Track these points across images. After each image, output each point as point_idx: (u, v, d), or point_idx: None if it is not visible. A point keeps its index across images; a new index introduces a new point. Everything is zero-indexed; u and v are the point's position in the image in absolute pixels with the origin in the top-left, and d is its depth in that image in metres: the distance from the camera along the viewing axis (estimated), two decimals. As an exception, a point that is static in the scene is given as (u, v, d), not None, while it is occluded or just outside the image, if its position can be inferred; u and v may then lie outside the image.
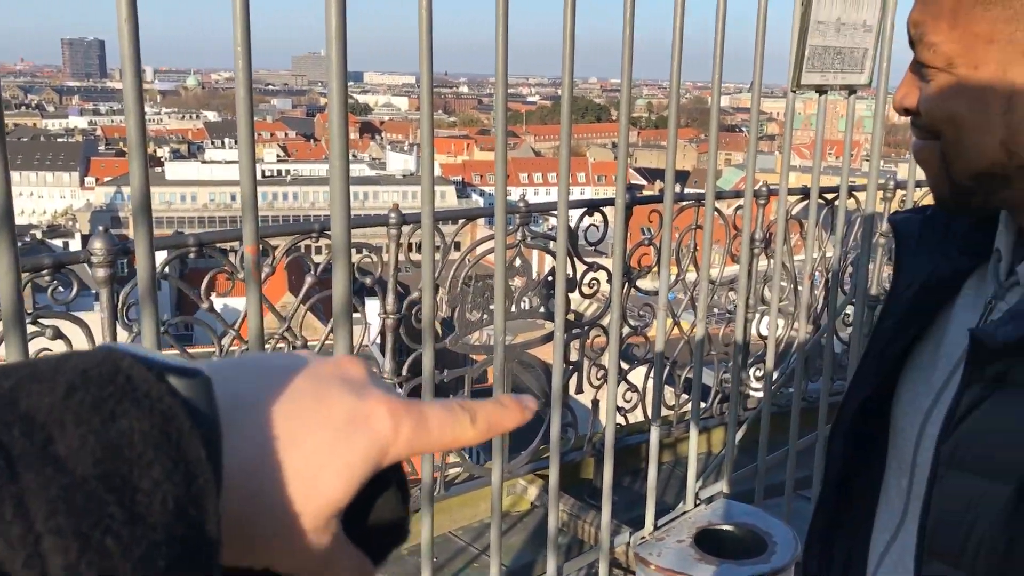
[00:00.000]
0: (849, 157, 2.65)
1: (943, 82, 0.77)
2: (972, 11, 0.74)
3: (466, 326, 3.37)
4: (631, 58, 1.91)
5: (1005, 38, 0.73)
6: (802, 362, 3.02)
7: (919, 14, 0.78)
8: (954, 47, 0.75)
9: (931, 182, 0.85)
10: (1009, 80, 0.74)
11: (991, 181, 0.78)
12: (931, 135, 0.81)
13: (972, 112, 0.76)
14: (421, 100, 1.53)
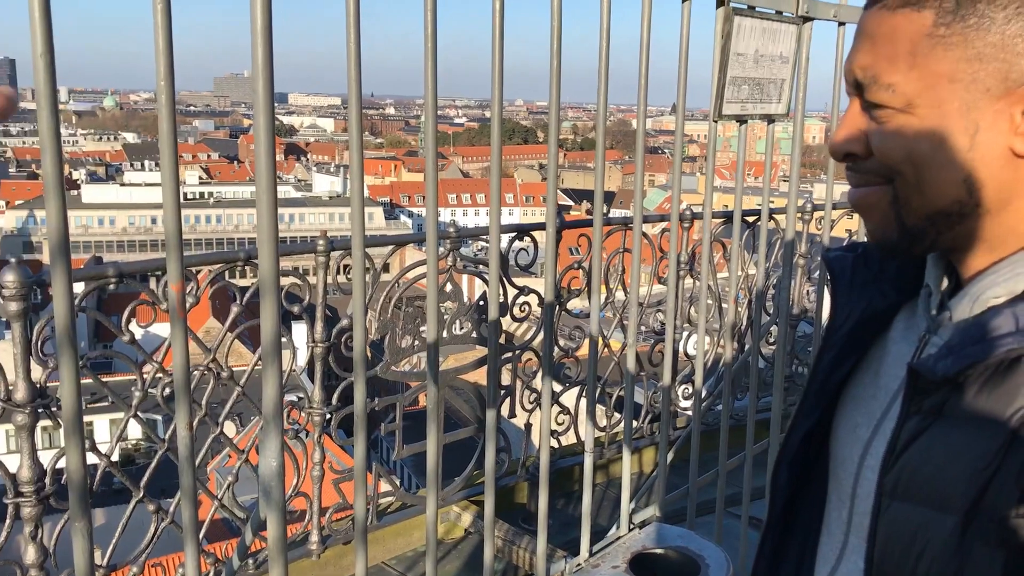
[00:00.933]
0: (769, 182, 2.73)
1: (903, 122, 0.76)
2: (933, 51, 0.74)
3: (397, 353, 3.34)
4: (559, 88, 1.94)
5: (968, 78, 0.73)
6: (729, 381, 3.08)
7: (868, 57, 0.77)
8: (915, 87, 0.75)
9: (875, 227, 0.83)
10: (973, 119, 0.74)
11: (946, 220, 0.78)
12: (881, 179, 0.80)
13: (936, 151, 0.75)
14: (349, 121, 1.52)
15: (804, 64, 2.69)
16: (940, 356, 0.75)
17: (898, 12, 0.75)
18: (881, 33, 0.76)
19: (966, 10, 0.72)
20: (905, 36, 0.74)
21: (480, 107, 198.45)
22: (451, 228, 3.33)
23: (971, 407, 0.73)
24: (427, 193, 1.75)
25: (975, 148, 0.75)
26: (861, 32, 0.79)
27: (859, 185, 0.82)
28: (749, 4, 2.43)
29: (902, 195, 0.79)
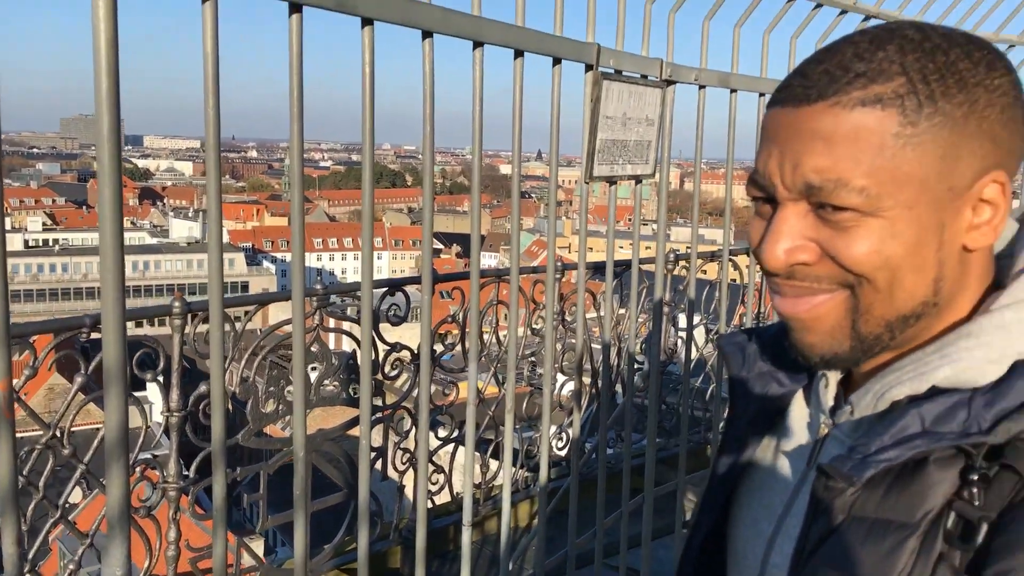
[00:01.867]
0: (639, 238, 2.78)
1: (875, 225, 0.72)
2: (902, 152, 0.70)
3: (260, 418, 3.16)
4: (432, 147, 1.90)
5: (935, 177, 0.71)
6: (604, 430, 3.09)
7: (825, 159, 0.71)
8: (887, 188, 0.71)
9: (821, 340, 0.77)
10: (939, 218, 0.72)
11: (903, 324, 0.75)
12: (836, 285, 0.75)
13: (911, 253, 0.72)
14: (208, 171, 1.42)
15: (668, 125, 2.78)
16: (851, 458, 0.73)
17: (856, 111, 0.70)
18: (840, 133, 0.70)
19: (929, 109, 0.70)
20: (870, 136, 0.70)
21: (346, 150, 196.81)
22: (318, 285, 3.20)
23: (881, 509, 0.71)
24: (293, 256, 1.66)
25: (943, 247, 0.73)
26: (806, 132, 0.72)
27: (807, 293, 0.76)
28: (616, 68, 2.49)
29: (864, 302, 0.74)
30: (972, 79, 0.71)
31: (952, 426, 0.69)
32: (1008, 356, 0.71)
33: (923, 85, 0.70)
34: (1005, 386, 0.70)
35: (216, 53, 1.40)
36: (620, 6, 2.55)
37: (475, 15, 1.96)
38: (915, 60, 0.70)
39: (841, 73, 0.71)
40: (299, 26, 1.55)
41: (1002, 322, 0.73)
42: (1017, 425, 0.67)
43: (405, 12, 1.74)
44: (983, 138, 0.71)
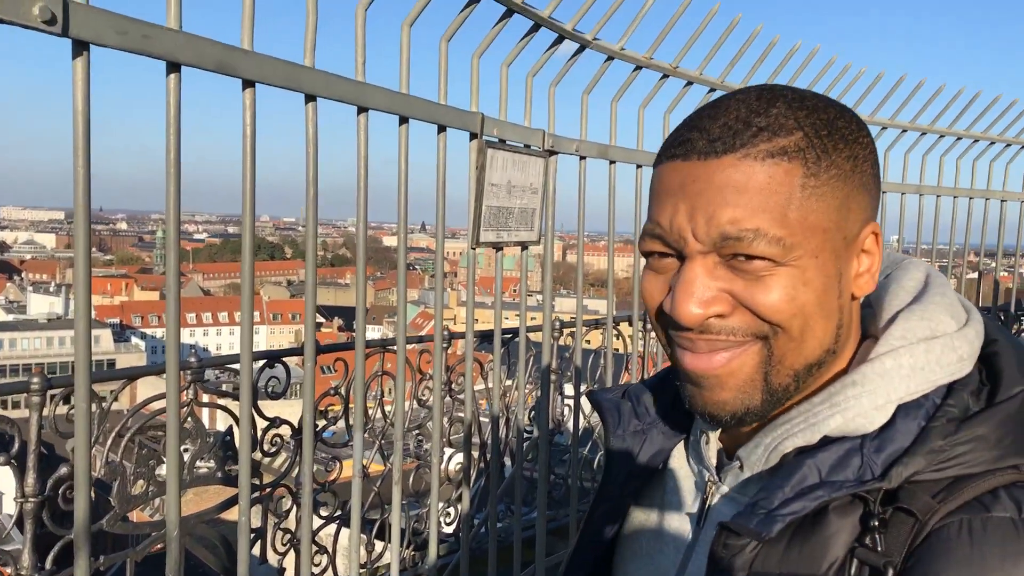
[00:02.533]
0: (525, 306, 2.79)
1: (788, 274, 0.72)
2: (807, 202, 0.72)
3: (128, 501, 2.94)
4: (315, 209, 1.85)
5: (835, 226, 0.73)
6: (495, 502, 3.03)
7: (740, 210, 0.71)
8: (798, 238, 0.72)
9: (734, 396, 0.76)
10: (838, 266, 0.75)
11: (809, 372, 0.76)
12: (750, 337, 0.75)
13: (820, 301, 0.74)
14: (76, 226, 1.33)
15: (551, 194, 2.83)
16: (755, 514, 0.72)
17: (766, 163, 0.71)
18: (752, 185, 0.71)
19: (826, 161, 0.73)
20: (782, 187, 0.71)
21: (222, 222, 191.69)
22: (192, 357, 3.05)
23: (785, 563, 0.71)
24: (168, 325, 1.57)
25: (842, 294, 0.76)
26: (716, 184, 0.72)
27: (721, 347, 0.75)
28: (500, 137, 2.53)
29: (778, 352, 0.74)
30: (850, 135, 0.75)
31: (847, 474, 0.71)
32: (891, 401, 0.74)
33: (818, 139, 0.73)
34: (892, 431, 0.72)
35: (87, 111, 1.33)
36: (503, 77, 2.61)
37: (359, 80, 1.95)
38: (805, 116, 0.73)
39: (743, 127, 0.72)
40: (177, 86, 1.50)
41: (883, 369, 0.75)
42: (907, 469, 0.70)
43: (288, 75, 1.72)
44: (863, 190, 0.75)
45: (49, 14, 1.23)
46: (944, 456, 0.70)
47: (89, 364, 1.32)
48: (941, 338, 0.76)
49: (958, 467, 0.69)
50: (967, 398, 0.73)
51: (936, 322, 0.77)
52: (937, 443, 0.70)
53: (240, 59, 1.60)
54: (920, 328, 0.76)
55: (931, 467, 0.70)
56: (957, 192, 5.22)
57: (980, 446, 0.70)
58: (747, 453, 0.80)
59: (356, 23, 1.98)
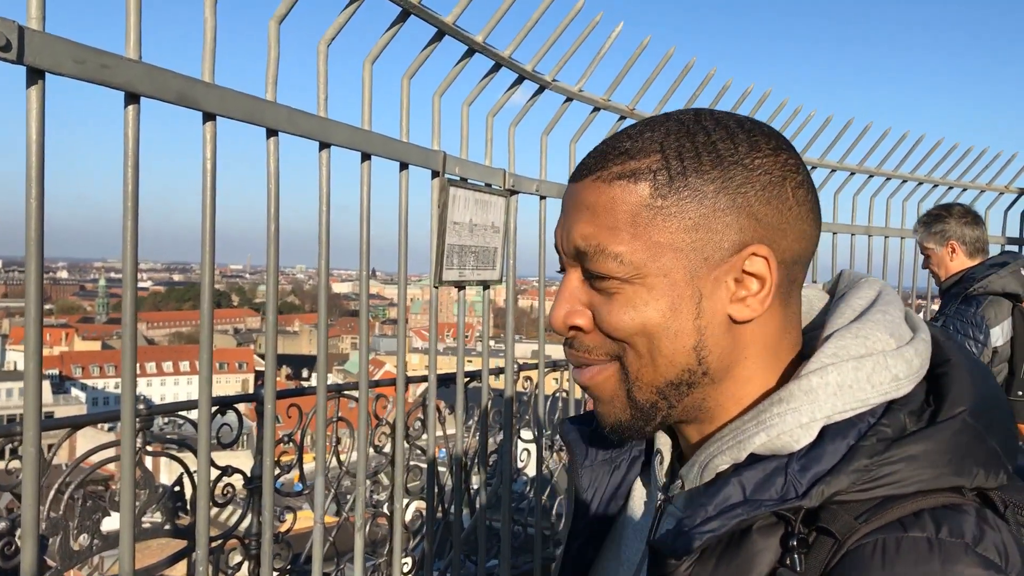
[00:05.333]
0: (488, 345, 2.76)
1: (632, 293, 0.75)
2: (653, 222, 0.73)
3: (70, 557, 2.79)
4: (277, 244, 1.80)
5: (688, 246, 0.74)
6: (458, 549, 2.95)
7: (589, 226, 0.75)
8: (642, 256, 0.74)
9: (605, 411, 0.80)
10: (696, 286, 0.74)
11: (676, 391, 0.77)
12: (605, 355, 0.78)
13: (666, 319, 0.74)
14: (27, 286, 1.26)
15: (512, 233, 2.82)
16: (676, 532, 0.72)
17: (615, 184, 0.75)
18: (600, 204, 0.75)
19: (679, 183, 0.73)
20: (625, 207, 0.74)
21: (167, 270, 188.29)
22: (140, 404, 2.93)
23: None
24: (124, 368, 1.50)
25: (701, 315, 0.75)
26: (577, 203, 0.77)
27: (583, 364, 0.79)
28: (461, 176, 2.52)
29: (632, 370, 0.77)
30: (730, 158, 0.74)
31: (771, 492, 0.70)
32: (817, 420, 0.72)
33: (676, 162, 0.74)
34: (817, 451, 0.71)
35: (42, 142, 1.28)
36: (464, 115, 2.60)
37: (322, 116, 1.92)
38: (675, 139, 0.75)
39: (609, 151, 0.77)
40: (136, 118, 1.45)
41: (809, 387, 0.73)
42: (829, 488, 0.68)
43: (250, 109, 1.69)
44: (739, 213, 0.74)
45: (3, 40, 1.18)
46: (870, 476, 0.68)
47: (39, 408, 1.25)
48: (874, 356, 0.74)
49: (886, 488, 0.68)
50: (904, 418, 0.72)
51: (872, 340, 0.75)
52: (863, 462, 0.69)
53: (201, 92, 1.56)
54: (853, 346, 0.75)
55: (856, 487, 0.68)
56: (903, 233, 5.36)
57: (911, 466, 0.68)
58: (687, 471, 0.80)
59: (318, 58, 1.96)
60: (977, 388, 0.74)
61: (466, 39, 2.41)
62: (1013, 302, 3.41)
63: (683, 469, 0.80)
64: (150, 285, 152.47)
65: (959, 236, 3.52)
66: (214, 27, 1.62)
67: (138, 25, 1.45)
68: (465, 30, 2.39)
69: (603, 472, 0.91)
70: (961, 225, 3.53)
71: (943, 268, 3.59)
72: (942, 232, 3.55)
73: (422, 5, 2.17)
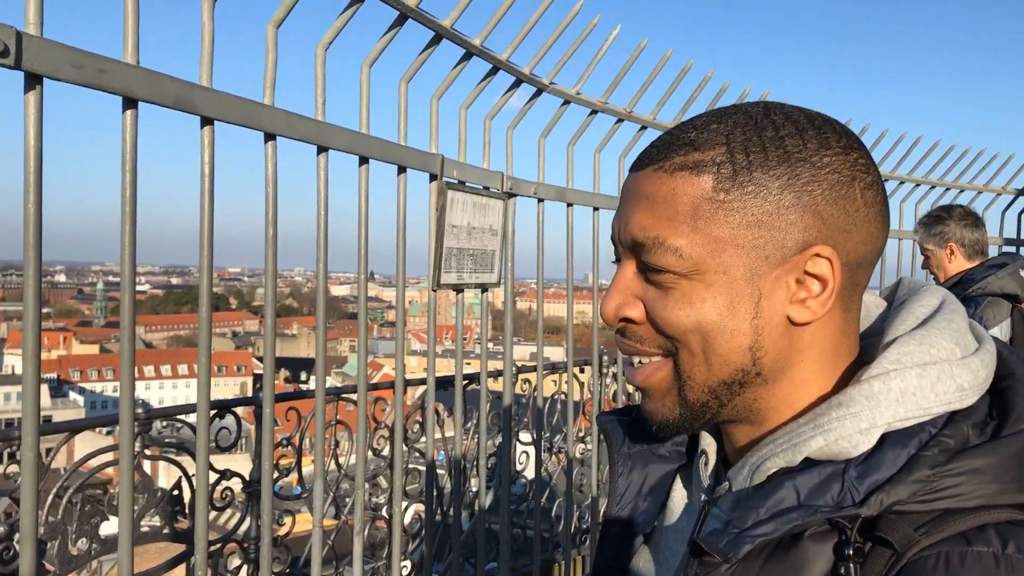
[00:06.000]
0: (486, 347, 2.76)
1: (689, 288, 0.73)
2: (715, 216, 0.72)
3: (68, 561, 2.78)
4: (275, 249, 1.81)
5: (749, 244, 0.72)
6: (458, 552, 2.95)
7: (648, 217, 0.74)
8: (702, 251, 0.72)
9: (656, 408, 0.78)
10: (756, 285, 0.73)
11: (728, 391, 0.76)
12: (658, 350, 0.76)
13: (724, 318, 0.73)
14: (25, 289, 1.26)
15: (511, 236, 2.82)
16: (725, 533, 0.70)
17: (676, 175, 0.73)
18: (661, 195, 0.74)
19: (743, 177, 0.72)
20: (686, 199, 0.72)
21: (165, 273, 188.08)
22: (139, 408, 2.93)
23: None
24: (122, 371, 1.50)
25: (760, 315, 0.73)
26: (636, 193, 0.76)
27: (632, 353, 0.78)
28: (459, 179, 2.52)
29: (685, 368, 0.75)
30: (798, 154, 0.72)
31: (827, 499, 0.68)
32: (877, 426, 0.71)
33: (741, 156, 0.72)
34: (876, 458, 0.69)
35: (40, 147, 1.28)
36: (462, 119, 2.61)
37: (319, 120, 1.93)
38: (742, 132, 0.73)
39: (674, 141, 0.75)
40: (134, 122, 1.46)
41: (870, 392, 0.72)
42: (889, 497, 0.66)
43: (248, 113, 1.69)
44: (804, 211, 0.72)
45: (2, 46, 1.18)
46: (932, 487, 0.66)
47: (37, 412, 1.25)
48: (939, 364, 0.72)
49: (948, 500, 0.66)
50: (967, 430, 0.70)
51: (936, 348, 0.73)
52: (925, 472, 0.67)
53: (199, 96, 1.56)
54: (917, 353, 0.73)
55: (916, 497, 0.66)
56: (901, 234, 5.37)
57: (974, 480, 0.67)
58: (735, 473, 0.78)
59: (316, 62, 1.96)
60: None
61: (464, 42, 2.41)
62: (1012, 303, 3.41)
63: (731, 471, 0.79)
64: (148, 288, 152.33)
65: (958, 238, 3.53)
66: (212, 32, 1.62)
67: (136, 30, 1.45)
68: (463, 33, 2.40)
69: (640, 463, 0.90)
70: (961, 227, 3.54)
71: (942, 270, 3.59)
72: (941, 234, 3.55)
73: (420, 9, 2.17)
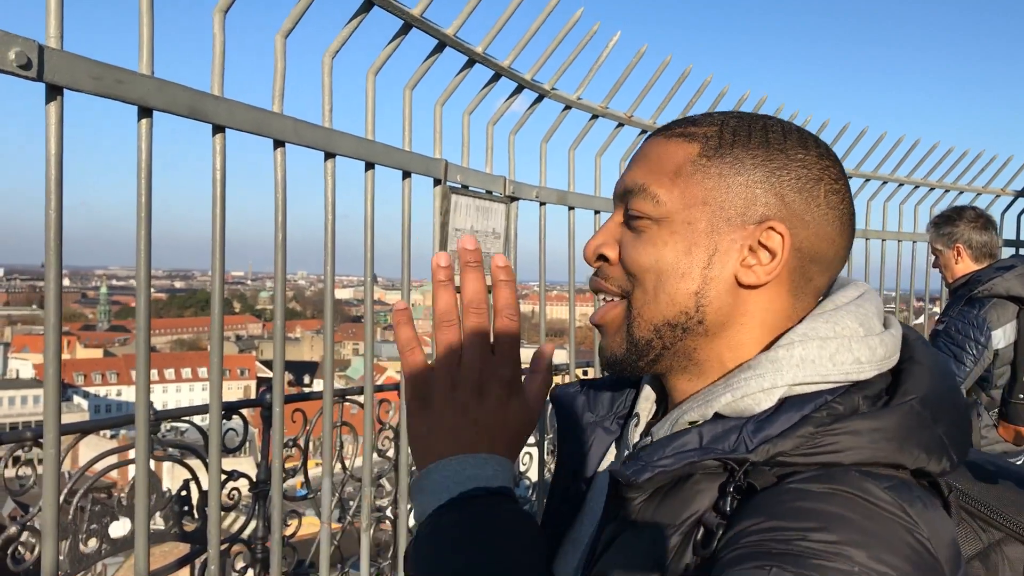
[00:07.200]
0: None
1: (657, 233, 0.83)
2: (693, 176, 0.82)
3: (78, 561, 2.83)
4: (284, 254, 1.85)
5: (716, 204, 0.82)
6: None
7: (641, 174, 0.85)
8: (676, 203, 0.82)
9: (607, 343, 0.88)
10: (714, 240, 0.82)
11: (671, 332, 0.83)
12: (619, 291, 0.86)
13: (678, 260, 0.82)
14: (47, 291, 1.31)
15: (513, 239, 2.87)
16: (635, 464, 0.78)
17: (672, 140, 0.85)
18: (655, 154, 0.85)
19: (725, 150, 0.83)
20: (674, 159, 0.84)
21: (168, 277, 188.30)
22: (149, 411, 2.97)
23: (653, 514, 0.76)
24: (137, 374, 1.55)
25: (711, 267, 0.82)
26: (639, 154, 0.88)
27: (598, 289, 0.88)
28: (463, 183, 2.57)
29: (636, 306, 0.84)
30: (776, 146, 0.83)
31: (724, 445, 0.76)
32: (778, 387, 0.78)
33: (729, 135, 0.83)
34: (773, 417, 0.76)
35: (60, 155, 1.33)
36: (464, 124, 2.66)
37: (327, 127, 1.98)
38: (735, 121, 0.85)
39: (680, 120, 0.88)
40: (149, 131, 1.51)
41: (775, 357, 0.79)
42: (775, 448, 0.73)
43: (258, 121, 1.74)
44: (769, 190, 0.82)
45: (25, 59, 1.23)
46: (813, 442, 0.72)
47: (58, 409, 1.30)
48: (839, 339, 0.80)
49: (826, 455, 0.72)
50: (858, 401, 0.77)
51: (840, 326, 0.81)
52: (809, 429, 0.73)
53: (211, 104, 1.61)
54: (822, 328, 0.81)
55: (799, 451, 0.72)
56: (900, 236, 5.41)
57: (852, 440, 0.72)
58: (658, 428, 0.85)
59: (323, 71, 2.01)
60: (933, 381, 0.79)
61: (467, 50, 2.46)
62: (1019, 305, 3.43)
63: (655, 426, 0.85)
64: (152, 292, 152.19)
65: (966, 240, 3.55)
66: (223, 43, 1.67)
67: (151, 41, 1.50)
68: (466, 41, 2.45)
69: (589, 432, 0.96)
70: (970, 229, 3.56)
71: (948, 270, 3.62)
72: (950, 234, 3.58)
73: (423, 18, 2.22)
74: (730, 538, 0.69)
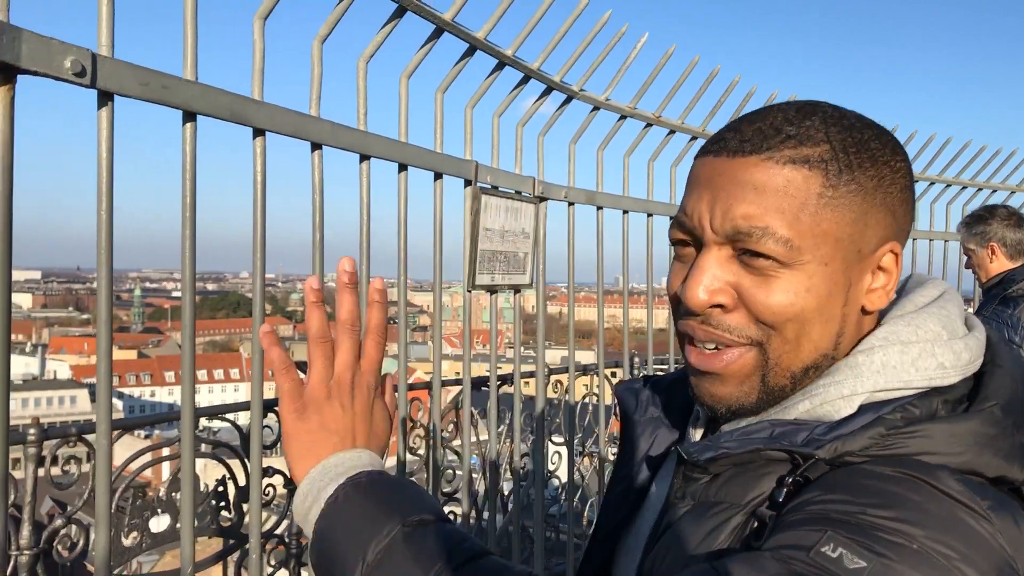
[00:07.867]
0: (519, 349, 2.83)
1: (792, 277, 0.76)
2: (823, 211, 0.75)
3: (120, 554, 2.91)
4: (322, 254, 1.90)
5: (848, 238, 0.76)
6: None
7: (754, 207, 0.75)
8: (808, 243, 0.75)
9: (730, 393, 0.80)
10: (848, 276, 0.77)
11: (806, 375, 0.79)
12: (745, 338, 0.78)
13: (822, 306, 0.76)
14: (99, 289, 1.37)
15: (542, 239, 2.91)
16: (701, 446, 0.79)
17: (788, 167, 0.75)
18: (771, 185, 0.75)
19: (846, 175, 0.76)
20: (798, 193, 0.75)
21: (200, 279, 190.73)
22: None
23: (716, 494, 0.77)
24: (183, 371, 1.60)
25: (848, 303, 0.78)
26: (738, 181, 0.76)
27: (716, 340, 0.79)
28: (493, 184, 2.61)
29: (775, 354, 0.78)
30: (881, 157, 0.78)
31: (792, 440, 0.75)
32: (858, 393, 0.76)
33: (843, 155, 0.76)
34: (849, 420, 0.75)
35: (111, 159, 1.38)
36: (495, 126, 2.70)
37: (362, 130, 2.02)
38: (837, 132, 0.77)
39: (773, 132, 0.77)
40: (193, 135, 1.56)
41: (854, 363, 0.77)
42: (844, 445, 0.71)
43: (297, 125, 1.79)
44: (885, 210, 0.78)
45: (80, 67, 1.29)
46: (883, 444, 0.71)
47: (110, 401, 1.35)
48: (922, 343, 0.77)
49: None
50: (937, 405, 0.74)
51: (923, 330, 0.79)
52: (880, 431, 0.71)
53: (252, 109, 1.67)
54: (904, 332, 0.79)
55: (867, 451, 0.71)
56: (932, 235, 5.36)
57: (923, 443, 0.70)
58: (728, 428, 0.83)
59: (358, 75, 2.06)
60: (1016, 386, 0.76)
61: (497, 53, 2.51)
62: None
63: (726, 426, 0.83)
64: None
65: (1000, 238, 3.52)
66: (263, 49, 1.73)
67: (195, 48, 1.56)
68: (496, 44, 2.49)
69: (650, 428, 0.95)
70: (1003, 227, 3.53)
71: (983, 269, 3.59)
72: (983, 233, 3.55)
73: (455, 22, 2.27)
74: (794, 505, 0.69)
